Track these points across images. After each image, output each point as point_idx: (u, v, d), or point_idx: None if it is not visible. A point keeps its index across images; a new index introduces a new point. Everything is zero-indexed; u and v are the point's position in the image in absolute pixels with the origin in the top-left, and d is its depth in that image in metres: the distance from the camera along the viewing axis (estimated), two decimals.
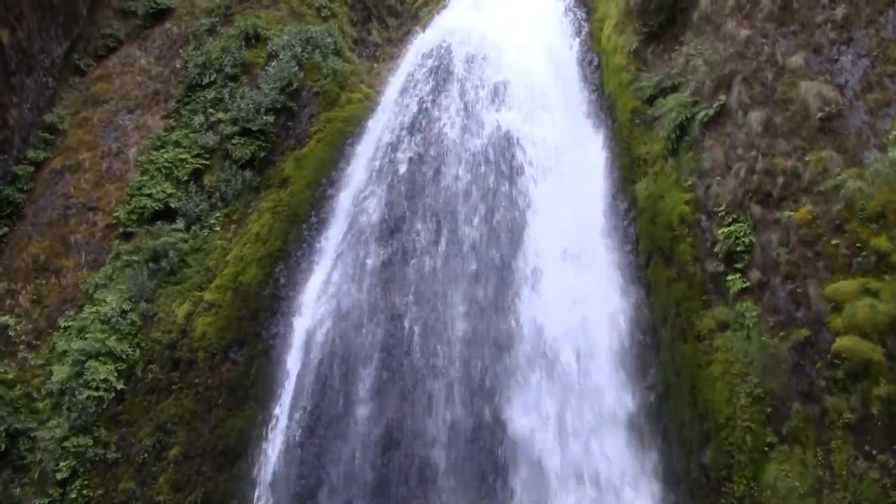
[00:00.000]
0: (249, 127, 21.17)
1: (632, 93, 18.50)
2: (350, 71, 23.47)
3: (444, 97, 20.46)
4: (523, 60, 21.24)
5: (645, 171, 17.24)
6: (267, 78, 22.00)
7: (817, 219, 12.82)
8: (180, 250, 19.70)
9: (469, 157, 18.89)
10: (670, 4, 18.42)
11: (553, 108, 20.03)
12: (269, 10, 24.25)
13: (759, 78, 14.80)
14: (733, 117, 15.02)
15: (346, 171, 21.02)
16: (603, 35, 21.34)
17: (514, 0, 25.71)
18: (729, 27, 15.91)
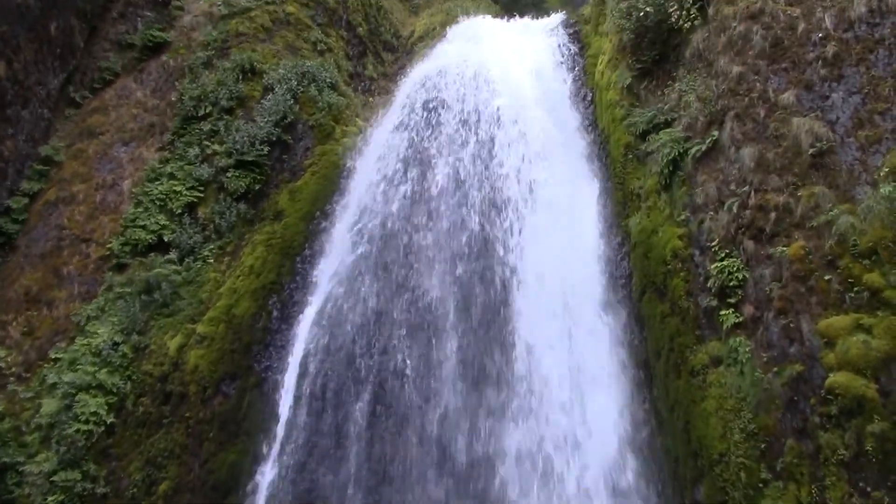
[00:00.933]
0: (244, 159, 21.26)
1: (625, 128, 18.65)
2: (345, 105, 23.65)
3: (438, 131, 20.60)
4: (517, 95, 21.42)
5: (638, 206, 17.32)
6: (262, 111, 22.14)
7: (810, 254, 12.87)
8: (173, 282, 19.68)
9: (463, 191, 18.98)
10: (663, 41, 18.63)
11: (547, 144, 20.18)
12: (265, 43, 24.43)
13: (751, 114, 14.94)
14: (726, 153, 15.13)
15: (340, 203, 21.09)
16: (596, 71, 21.57)
17: (510, 35, 26.15)
18: (721, 64, 16.10)
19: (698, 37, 17.19)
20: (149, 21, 25.24)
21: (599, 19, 23.48)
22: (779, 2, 15.71)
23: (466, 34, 26.61)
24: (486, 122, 20.53)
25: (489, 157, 19.80)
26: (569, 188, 19.32)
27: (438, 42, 26.96)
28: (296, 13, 25.39)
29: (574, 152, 20.32)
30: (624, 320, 16.73)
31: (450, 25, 28.18)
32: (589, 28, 24.66)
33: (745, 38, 15.84)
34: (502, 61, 23.17)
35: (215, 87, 22.94)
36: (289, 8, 25.37)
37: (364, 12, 28.64)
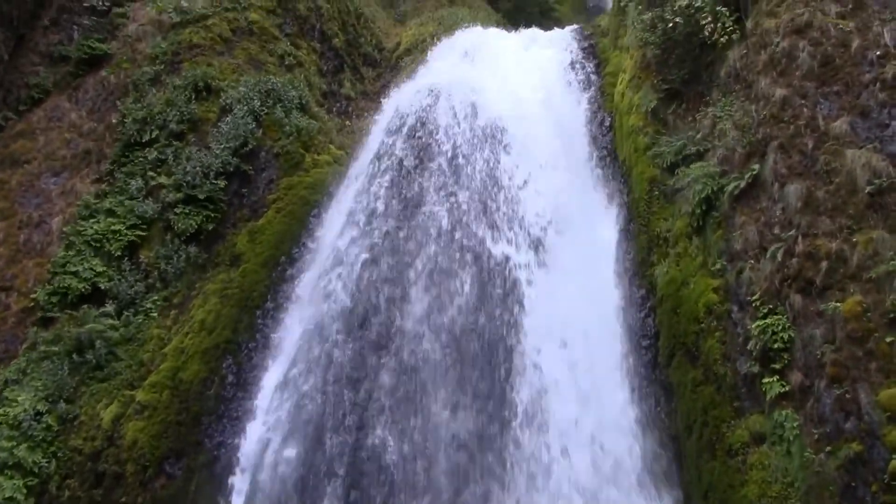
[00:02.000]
0: (196, 194, 21.28)
1: (650, 159, 18.82)
2: (317, 129, 23.77)
3: (426, 161, 20.73)
4: (523, 121, 21.63)
5: (665, 252, 17.41)
6: (219, 136, 22.20)
7: (868, 311, 12.90)
8: (109, 340, 19.59)
9: (455, 236, 19.06)
10: (694, 57, 18.87)
11: (557, 180, 20.33)
12: (223, 57, 24.57)
13: (797, 145, 15.07)
14: (768, 190, 15.23)
15: (309, 247, 21.15)
16: (616, 92, 21.81)
17: (513, 49, 26.41)
18: (762, 86, 16.28)
19: (735, 53, 17.42)
20: (87, 30, 25.34)
21: (619, 31, 23.81)
22: (829, 13, 15.94)
23: (462, 47, 26.91)
24: (485, 154, 20.69)
25: (487, 194, 19.93)
26: (583, 231, 19.42)
27: (429, 56, 27.22)
28: (260, 22, 25.61)
29: (590, 189, 20.48)
30: (648, 389, 16.70)
31: (442, 37, 28.50)
32: (607, 41, 25.01)
33: (789, 55, 16.04)
34: (504, 80, 23.41)
35: (163, 107, 23.01)
36: (252, 16, 25.58)
37: (341, 21, 28.94)
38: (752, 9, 17.64)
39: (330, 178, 22.57)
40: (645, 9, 20.80)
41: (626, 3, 23.34)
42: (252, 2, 25.79)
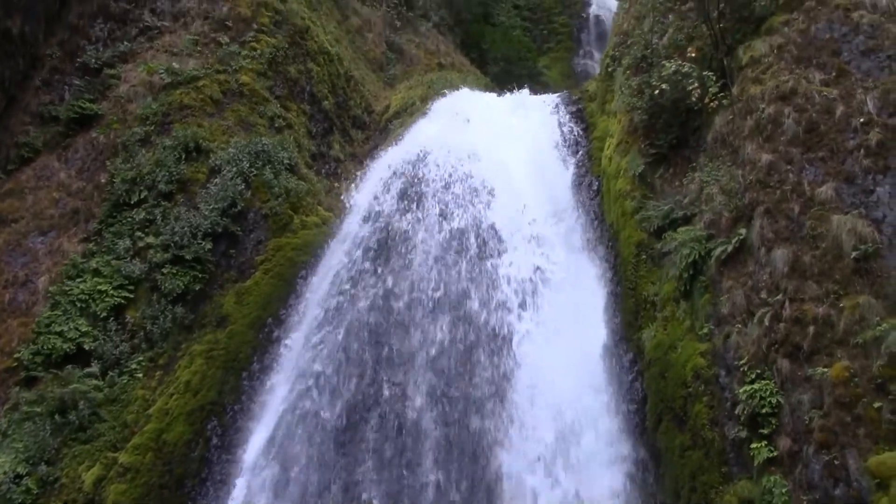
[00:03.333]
0: (183, 254, 21.24)
1: (637, 223, 18.91)
2: (306, 191, 23.85)
3: (415, 224, 20.81)
4: (512, 184, 21.78)
5: (653, 316, 17.43)
6: (207, 197, 22.23)
7: (856, 376, 12.91)
8: (93, 401, 19.41)
9: (444, 299, 19.09)
10: (681, 123, 19.07)
11: (545, 240, 20.42)
12: (213, 118, 24.68)
13: (783, 210, 15.20)
14: (755, 255, 15.32)
15: (297, 308, 21.12)
16: (603, 156, 21.98)
17: (502, 112, 26.64)
18: (748, 151, 16.45)
19: (721, 119, 17.63)
20: (78, 91, 25.45)
21: (606, 96, 24.07)
22: (813, 81, 16.19)
23: (451, 110, 27.13)
24: (473, 216, 20.81)
25: (475, 256, 19.99)
26: (569, 294, 19.47)
27: (418, 119, 27.43)
28: (251, 84, 25.78)
29: (577, 251, 20.57)
30: (635, 455, 16.62)
31: (431, 100, 28.74)
32: (594, 106, 25.25)
33: (775, 121, 16.25)
34: (493, 144, 23.59)
35: (153, 167, 23.04)
36: (243, 78, 25.76)
37: (331, 83, 29.18)
38: (738, 76, 17.91)
39: (318, 240, 22.60)
40: (632, 74, 21.07)
41: (613, 68, 23.65)
42: (243, 64, 25.93)
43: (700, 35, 19.48)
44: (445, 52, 40.49)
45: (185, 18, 27.01)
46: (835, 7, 16.90)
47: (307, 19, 29.18)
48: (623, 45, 23.30)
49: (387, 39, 37.02)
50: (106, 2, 27.08)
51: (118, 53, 26.30)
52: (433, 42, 40.64)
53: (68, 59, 26.05)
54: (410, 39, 39.00)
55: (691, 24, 19.81)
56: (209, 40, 26.33)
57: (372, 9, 37.46)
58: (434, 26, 42.80)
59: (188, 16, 27.02)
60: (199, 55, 25.88)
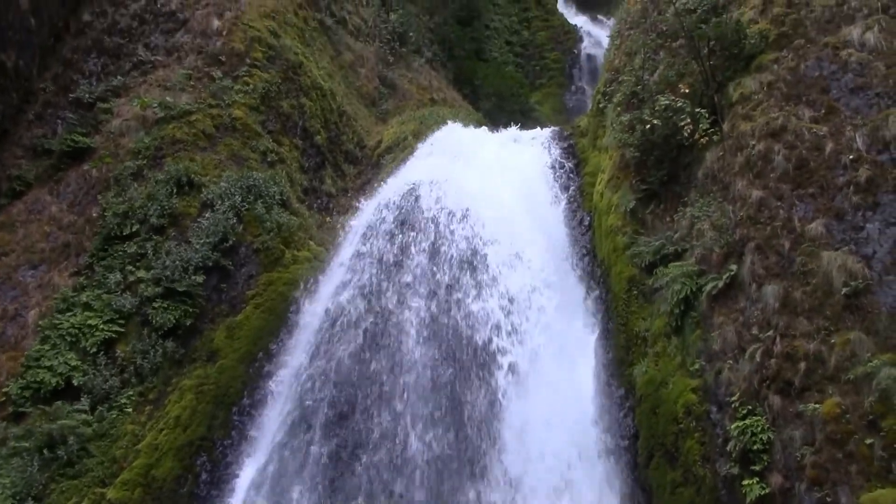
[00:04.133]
0: (175, 288, 21.21)
1: (628, 259, 18.95)
2: (297, 225, 23.89)
3: (406, 259, 20.83)
4: (503, 218, 21.82)
5: (644, 352, 17.43)
6: (199, 231, 22.25)
7: (847, 413, 12.91)
8: (82, 436, 19.29)
9: (435, 333, 19.08)
10: (672, 159, 19.16)
11: (535, 279, 20.46)
12: (205, 152, 24.71)
13: (774, 246, 15.25)
14: (746, 290, 15.36)
15: (288, 343, 21.10)
16: (595, 191, 22.05)
17: (494, 148, 26.74)
18: (739, 187, 16.54)
19: (712, 155, 17.73)
20: (71, 124, 25.53)
21: (598, 132, 24.18)
22: (803, 118, 16.31)
23: (443, 146, 27.23)
24: (464, 251, 20.85)
25: (466, 291, 20.01)
26: (561, 331, 19.48)
27: (410, 155, 27.52)
28: (244, 118, 25.85)
29: (568, 287, 20.59)
30: (627, 491, 16.57)
31: (424, 135, 28.86)
32: (586, 142, 25.38)
33: (765, 158, 16.35)
34: (485, 179, 23.67)
35: (145, 201, 23.07)
36: (236, 112, 25.83)
37: (324, 118, 29.29)
38: (728, 112, 18.02)
39: (310, 275, 22.58)
40: (623, 110, 21.18)
41: (604, 104, 23.78)
42: (236, 99, 26.02)
43: (690, 72, 19.61)
44: (438, 88, 40.69)
45: (179, 53, 27.15)
46: (823, 45, 17.06)
47: (300, 55, 29.34)
48: (614, 82, 23.45)
49: (379, 74, 37.19)
50: (100, 36, 27.26)
51: (111, 87, 26.43)
52: (426, 77, 40.84)
53: (62, 93, 26.17)
54: (403, 75, 39.19)
55: (682, 62, 19.93)
56: (202, 75, 26.42)
57: (365, 44, 37.65)
58: (427, 62, 43.05)
59: (182, 50, 27.16)
60: (192, 89, 25.95)
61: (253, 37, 27.66)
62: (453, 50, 47.74)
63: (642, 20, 22.99)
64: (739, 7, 19.34)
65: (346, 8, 37.19)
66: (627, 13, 24.99)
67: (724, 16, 19.02)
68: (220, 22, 27.63)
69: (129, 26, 27.60)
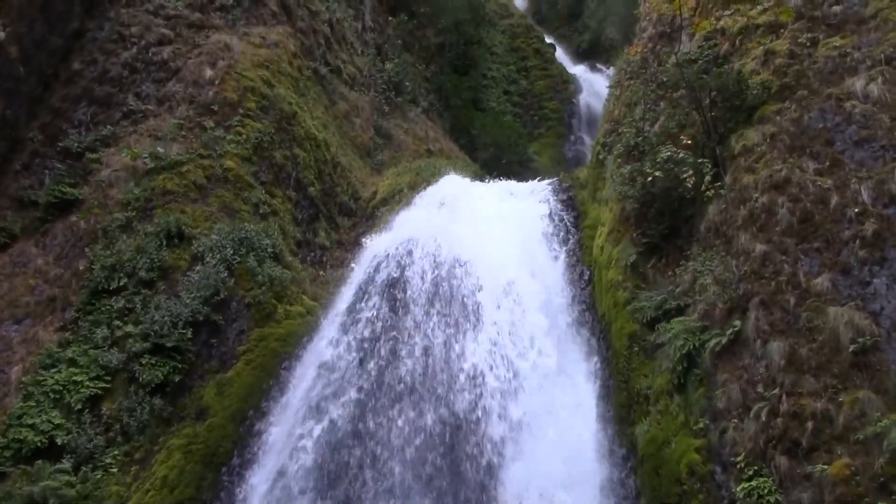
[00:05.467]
0: (163, 343, 21.15)
1: (629, 314, 18.94)
2: (290, 279, 23.90)
3: (401, 314, 20.83)
4: (500, 273, 21.84)
5: (646, 410, 17.35)
6: (189, 285, 22.24)
7: (857, 474, 12.83)
8: (64, 497, 19.09)
9: (430, 390, 19.02)
10: (673, 211, 19.23)
11: (533, 334, 20.45)
12: (196, 204, 24.76)
13: (779, 301, 15.26)
14: (751, 347, 15.33)
15: (279, 401, 21.00)
16: (595, 245, 22.09)
17: (491, 200, 26.84)
18: (742, 241, 16.58)
19: (715, 208, 17.79)
20: (59, 175, 25.55)
21: (598, 184, 24.29)
22: (807, 171, 16.40)
23: (439, 198, 27.30)
24: (461, 307, 20.86)
25: (462, 349, 19.99)
26: (560, 388, 19.41)
27: (405, 207, 27.59)
28: (236, 169, 25.94)
29: (567, 343, 20.56)
30: None
31: (420, 188, 28.96)
32: (585, 194, 25.47)
33: (769, 211, 16.41)
34: (482, 232, 23.73)
35: (133, 254, 23.04)
36: (228, 163, 25.90)
37: (317, 170, 29.40)
38: (731, 164, 18.13)
39: (303, 330, 22.56)
40: (623, 162, 21.30)
41: (604, 156, 23.92)
42: (228, 149, 26.10)
43: (692, 123, 19.75)
44: (434, 138, 40.97)
45: (171, 102, 27.26)
46: (827, 97, 17.20)
47: (294, 104, 29.53)
48: (614, 133, 23.61)
49: (375, 125, 37.45)
50: (90, 85, 27.36)
51: (101, 137, 26.48)
52: (422, 127, 41.13)
53: (49, 143, 26.20)
54: (399, 125, 39.47)
55: (683, 112, 20.08)
56: (194, 125, 26.53)
57: (360, 94, 37.93)
58: (423, 111, 43.39)
59: (173, 100, 27.28)
60: (183, 140, 26.04)
61: (246, 86, 27.83)
62: (450, 99, 48.18)
63: (642, 70, 23.18)
64: (741, 58, 19.53)
65: (340, 57, 37.49)
66: (627, 63, 25.19)
67: (725, 66, 19.24)
68: (213, 71, 27.79)
69: (119, 75, 27.71)
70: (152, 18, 29.00)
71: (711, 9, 21.39)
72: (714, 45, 20.40)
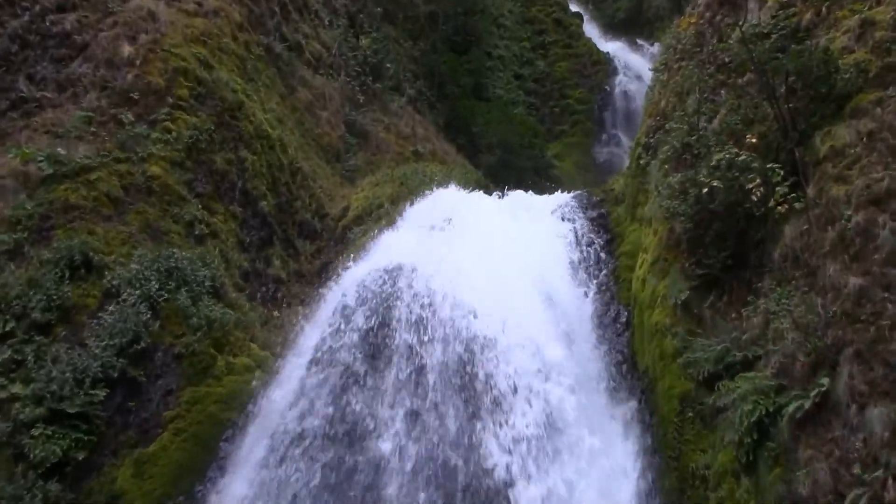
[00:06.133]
0: (63, 408, 20.88)
1: (681, 369, 18.80)
2: (234, 321, 23.75)
3: (382, 368, 20.72)
4: (512, 316, 21.74)
5: (704, 496, 17.26)
6: (99, 330, 22.03)
7: None
8: None
9: (422, 473, 18.90)
10: (737, 234, 19.11)
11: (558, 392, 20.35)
12: (110, 223, 24.44)
13: (880, 353, 15.02)
14: (843, 414, 15.12)
15: (219, 483, 20.96)
16: (634, 277, 22.03)
17: (499, 220, 26.78)
18: (831, 273, 16.37)
19: (793, 229, 17.61)
20: None
21: (638, 198, 24.24)
22: None
23: (431, 216, 27.29)
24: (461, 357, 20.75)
25: (461, 413, 19.87)
26: (590, 464, 19.28)
27: (386, 228, 27.52)
28: (163, 177, 25.67)
29: (600, 408, 20.45)
30: None
31: (405, 202, 28.91)
32: (622, 210, 25.45)
33: (865, 233, 16.18)
34: (488, 262, 23.63)
35: (25, 289, 22.75)
36: (152, 169, 25.61)
37: (271, 178, 29.28)
38: (815, 172, 17.91)
39: (250, 389, 22.37)
40: (672, 169, 21.22)
41: (646, 160, 23.89)
42: (153, 151, 25.79)
43: (763, 118, 19.62)
44: (424, 137, 41.02)
45: (76, 88, 26.94)
46: None
47: (240, 92, 29.43)
48: (659, 130, 23.57)
49: (346, 119, 37.48)
50: None
51: None
52: (407, 123, 41.18)
53: None
54: (377, 119, 39.52)
55: (751, 103, 19.97)
56: (107, 118, 26.27)
57: (327, 78, 37.97)
58: (409, 102, 43.47)
59: (79, 85, 26.94)
60: (92, 138, 25.73)
61: (176, 68, 27.63)
62: (444, 86, 48.23)
63: (697, 49, 23.12)
64: (828, 31, 19.35)
65: (301, 30, 37.56)
66: (677, 39, 25.15)
67: (807, 42, 19.06)
68: (133, 48, 27.53)
69: (6, 51, 27.41)
70: None
71: None
72: (792, 14, 20.30)
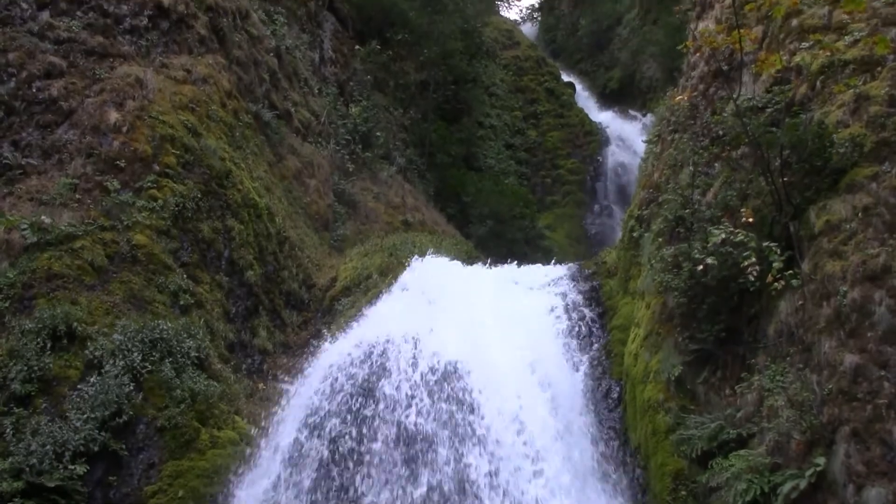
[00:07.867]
0: (42, 482, 20.75)
1: (674, 446, 18.80)
2: (219, 394, 23.65)
3: (368, 442, 20.67)
4: (501, 393, 21.73)
5: None
6: (81, 402, 21.93)
7: None
8: None
9: None
10: (732, 309, 19.17)
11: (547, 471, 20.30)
12: (93, 292, 24.44)
13: (877, 432, 15.05)
14: (840, 494, 15.13)
15: None
16: (627, 352, 22.05)
17: (488, 293, 26.81)
18: (826, 349, 16.43)
19: (788, 305, 17.69)
20: None
21: (631, 271, 24.33)
22: None
23: (420, 288, 27.35)
24: (450, 436, 20.73)
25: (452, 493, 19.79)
26: None
27: (375, 299, 27.56)
28: (148, 246, 25.69)
29: (590, 486, 20.38)
30: None
31: (394, 273, 28.98)
32: (614, 283, 25.51)
33: (861, 309, 16.25)
34: (477, 336, 23.65)
35: (5, 360, 22.68)
36: (137, 237, 25.63)
37: (258, 247, 29.33)
38: (810, 247, 17.99)
39: (234, 464, 22.26)
40: (665, 243, 21.31)
41: (639, 233, 23.99)
42: (138, 219, 25.80)
43: (757, 192, 19.74)
44: (414, 206, 41.13)
45: (61, 155, 26.95)
46: None
47: (228, 160, 29.53)
48: (653, 203, 23.68)
49: (335, 188, 37.61)
50: None
51: None
52: (397, 192, 41.32)
53: None
54: (367, 188, 39.66)
55: (745, 177, 20.11)
56: (93, 185, 26.30)
57: (316, 146, 38.14)
58: (399, 171, 43.64)
59: (65, 151, 26.97)
60: (77, 205, 25.77)
61: (164, 135, 27.73)
62: (435, 155, 48.44)
63: (691, 121, 23.25)
64: (823, 105, 19.45)
65: (290, 98, 37.78)
66: (671, 111, 25.31)
67: (802, 116, 19.22)
68: (119, 114, 27.61)
69: None
70: (37, 42, 28.75)
71: (783, 41, 21.42)
72: (787, 88, 20.45)
